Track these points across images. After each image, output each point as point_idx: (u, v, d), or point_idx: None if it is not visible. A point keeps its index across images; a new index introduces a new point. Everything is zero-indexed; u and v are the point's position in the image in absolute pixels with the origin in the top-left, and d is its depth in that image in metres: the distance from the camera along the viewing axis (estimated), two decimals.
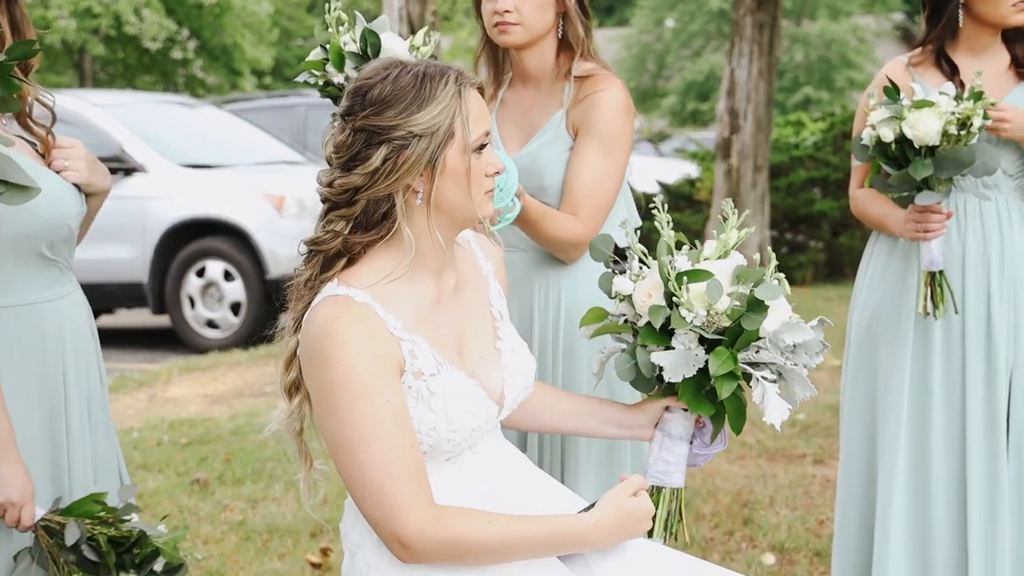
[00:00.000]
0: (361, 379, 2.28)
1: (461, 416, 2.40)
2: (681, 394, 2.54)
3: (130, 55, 23.92)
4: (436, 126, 2.34)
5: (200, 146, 10.75)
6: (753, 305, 2.48)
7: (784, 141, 12.78)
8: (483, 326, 2.54)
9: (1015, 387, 3.61)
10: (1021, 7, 3.56)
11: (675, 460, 2.62)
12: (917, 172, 3.38)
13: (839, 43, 32.00)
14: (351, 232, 2.39)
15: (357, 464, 2.29)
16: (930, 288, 3.55)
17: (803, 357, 2.54)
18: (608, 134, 3.16)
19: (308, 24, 32.94)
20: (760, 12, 10.98)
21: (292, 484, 5.70)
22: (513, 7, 3.15)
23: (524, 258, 3.22)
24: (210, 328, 10.03)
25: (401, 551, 2.32)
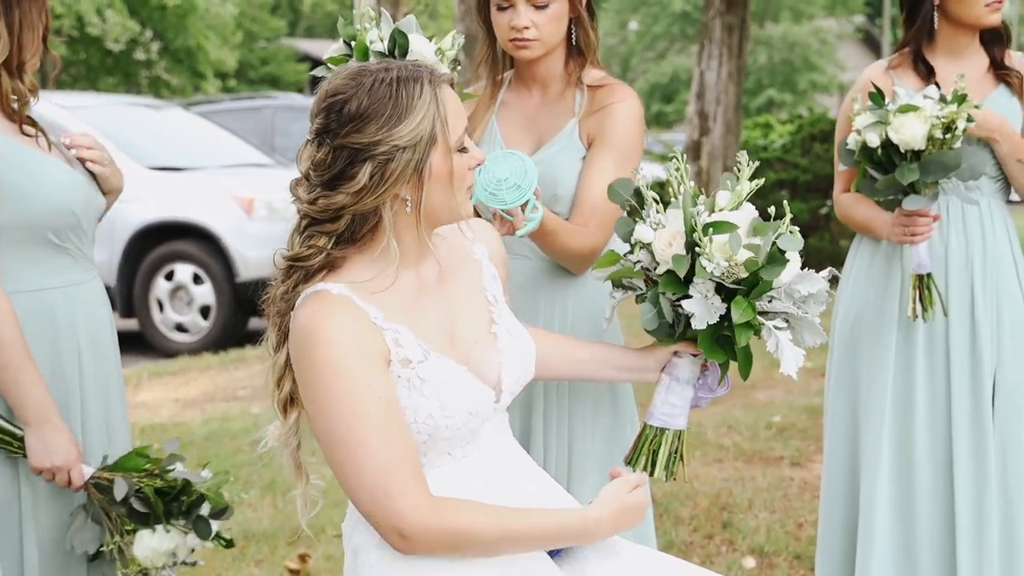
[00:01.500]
0: (348, 374, 2.26)
1: (454, 401, 2.37)
2: (700, 341, 2.61)
3: (93, 56, 23.77)
4: (419, 135, 2.31)
5: (168, 149, 10.67)
6: (774, 257, 2.56)
7: (753, 143, 12.82)
8: (476, 312, 2.52)
9: (998, 388, 3.63)
10: (995, 7, 3.58)
11: (680, 403, 2.71)
12: (904, 176, 3.38)
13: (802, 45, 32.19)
14: (335, 246, 2.36)
15: (352, 461, 2.27)
16: (918, 291, 3.56)
17: (814, 307, 2.62)
18: (623, 146, 3.15)
19: (272, 26, 32.85)
20: (729, 15, 11.01)
21: (268, 489, 5.66)
22: (531, 23, 3.12)
23: (530, 266, 3.19)
24: (179, 332, 9.96)
25: (400, 542, 2.30)
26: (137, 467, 2.94)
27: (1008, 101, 3.65)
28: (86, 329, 3.01)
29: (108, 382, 3.08)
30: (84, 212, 3.00)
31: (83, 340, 3.00)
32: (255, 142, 11.89)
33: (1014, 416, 3.63)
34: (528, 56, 3.16)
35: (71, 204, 2.95)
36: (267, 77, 31.34)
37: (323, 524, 5.13)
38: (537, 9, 3.13)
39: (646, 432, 2.72)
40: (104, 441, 3.05)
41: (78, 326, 2.99)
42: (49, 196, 2.91)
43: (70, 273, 2.99)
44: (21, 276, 2.92)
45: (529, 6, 3.12)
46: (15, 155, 2.91)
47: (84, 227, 3.01)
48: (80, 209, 2.98)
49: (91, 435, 3.02)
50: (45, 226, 2.92)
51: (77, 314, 2.99)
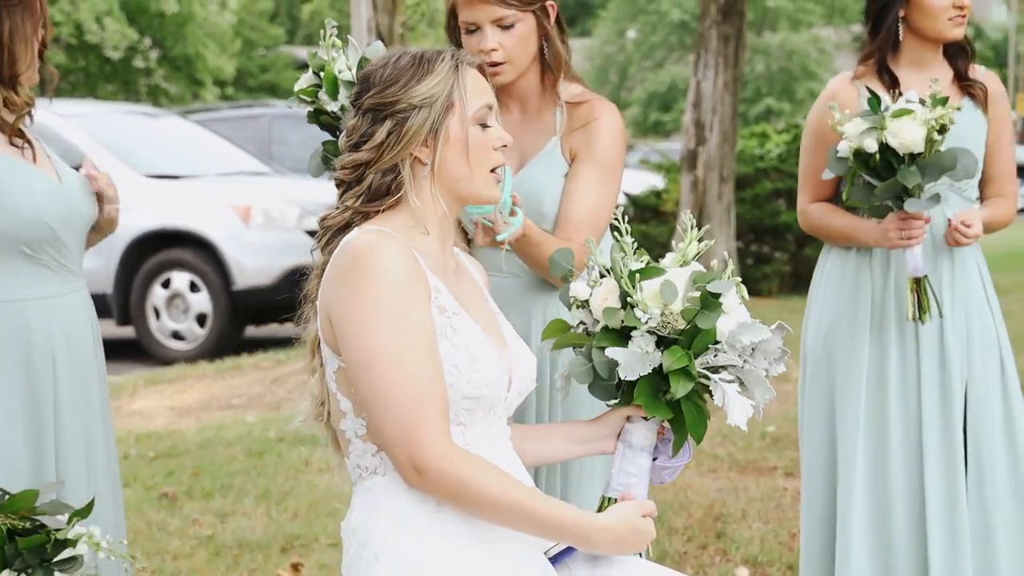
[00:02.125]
0: (400, 291, 2.35)
1: (481, 359, 2.43)
2: (637, 394, 2.52)
3: (92, 64, 23.80)
4: (435, 96, 2.45)
5: (165, 157, 10.68)
6: (707, 301, 2.49)
7: (749, 153, 12.85)
8: (487, 314, 2.59)
9: (969, 399, 3.66)
10: (957, 21, 3.62)
11: (636, 472, 2.58)
12: (907, 180, 3.41)
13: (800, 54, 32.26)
14: (360, 205, 2.48)
15: (389, 378, 2.33)
16: (916, 294, 3.58)
17: (762, 362, 2.53)
18: (607, 160, 3.16)
19: (270, 34, 32.89)
20: (725, 24, 11.03)
21: (262, 498, 5.67)
22: (498, 44, 3.09)
23: (519, 283, 3.20)
24: (175, 340, 9.96)
25: (412, 474, 2.35)
26: (16, 509, 2.74)
27: (973, 114, 3.68)
28: (63, 341, 2.99)
29: (88, 395, 3.05)
30: (64, 225, 2.99)
31: (59, 352, 2.98)
32: (252, 150, 11.90)
33: (986, 428, 3.66)
34: (501, 81, 3.12)
35: (46, 217, 2.93)
36: (266, 85, 31.37)
37: (316, 533, 5.13)
38: (504, 30, 3.10)
39: (604, 505, 2.57)
40: (81, 455, 3.01)
41: (54, 337, 2.97)
42: (22, 208, 2.90)
43: (47, 285, 2.97)
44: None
45: (495, 28, 3.09)
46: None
47: (63, 240, 2.99)
48: (58, 222, 2.96)
49: (65, 448, 2.98)
50: (17, 238, 2.91)
51: (54, 326, 2.97)
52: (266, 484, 5.87)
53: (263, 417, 7.38)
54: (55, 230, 2.96)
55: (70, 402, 3.00)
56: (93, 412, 3.06)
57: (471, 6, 3.10)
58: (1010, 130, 3.77)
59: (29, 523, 2.76)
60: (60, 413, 2.99)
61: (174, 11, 22.63)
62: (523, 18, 3.11)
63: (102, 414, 3.10)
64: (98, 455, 3.07)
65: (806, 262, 12.25)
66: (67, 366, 3.00)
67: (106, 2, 21.87)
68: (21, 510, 2.76)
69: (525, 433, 2.71)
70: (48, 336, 2.97)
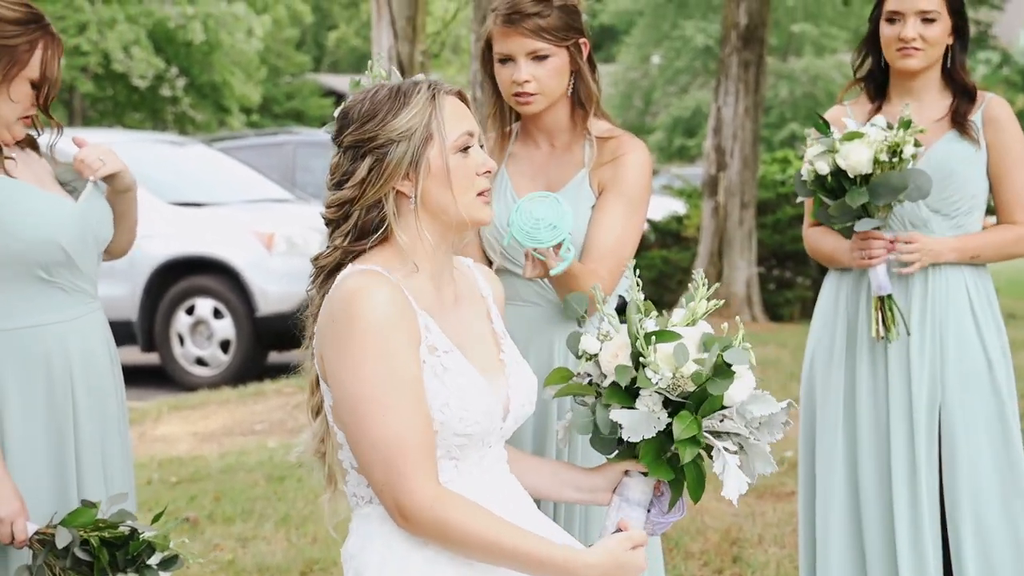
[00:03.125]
0: (385, 338, 2.36)
1: (472, 397, 2.45)
2: (642, 456, 2.52)
3: (119, 92, 23.99)
4: (412, 129, 2.46)
5: (190, 184, 10.78)
6: (720, 369, 2.48)
7: (770, 178, 12.86)
8: (485, 340, 2.60)
9: (944, 427, 3.69)
10: (905, 53, 3.69)
11: (634, 526, 2.58)
12: (853, 200, 3.51)
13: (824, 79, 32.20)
14: (349, 244, 2.49)
15: (375, 425, 2.36)
16: (880, 312, 3.65)
17: (767, 435, 2.51)
18: (634, 194, 3.23)
19: (296, 62, 33.07)
20: (746, 51, 11.08)
21: (282, 523, 5.71)
22: (531, 76, 3.17)
23: (540, 312, 3.25)
24: (199, 366, 10.04)
25: (399, 519, 2.38)
26: (87, 522, 2.89)
27: (959, 144, 3.72)
28: (81, 363, 3.03)
29: (105, 419, 3.10)
30: (78, 246, 3.03)
31: (77, 374, 3.03)
32: (276, 177, 12.00)
33: (963, 454, 3.68)
34: (530, 111, 3.23)
35: (58, 239, 2.98)
36: (292, 112, 31.54)
37: (335, 557, 5.16)
38: (537, 62, 3.18)
39: None
40: (99, 480, 3.05)
41: (72, 360, 3.02)
42: (34, 231, 2.94)
43: (63, 308, 3.02)
44: (13, 312, 2.96)
45: (529, 60, 3.18)
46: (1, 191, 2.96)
47: (77, 262, 3.03)
48: (71, 243, 3.00)
49: (85, 469, 3.03)
50: (33, 262, 2.96)
51: (71, 349, 3.02)
52: (286, 509, 5.91)
53: (284, 443, 7.42)
54: (68, 252, 3.00)
55: (88, 423, 3.05)
56: (111, 432, 3.11)
57: (507, 38, 3.18)
58: (1019, 158, 3.75)
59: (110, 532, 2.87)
60: (80, 433, 3.04)
61: (201, 40, 22.80)
62: (557, 52, 3.19)
63: (120, 433, 3.15)
64: (115, 473, 3.12)
65: None
66: (84, 388, 3.04)
67: (133, 31, 22.06)
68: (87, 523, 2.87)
69: (523, 465, 2.72)
70: (66, 359, 3.01)
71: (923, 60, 3.70)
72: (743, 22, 10.98)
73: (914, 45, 3.67)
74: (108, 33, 21.82)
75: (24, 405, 2.97)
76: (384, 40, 8.56)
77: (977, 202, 3.75)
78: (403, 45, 8.49)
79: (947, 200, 3.70)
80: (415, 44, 8.50)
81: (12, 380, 2.96)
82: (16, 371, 2.96)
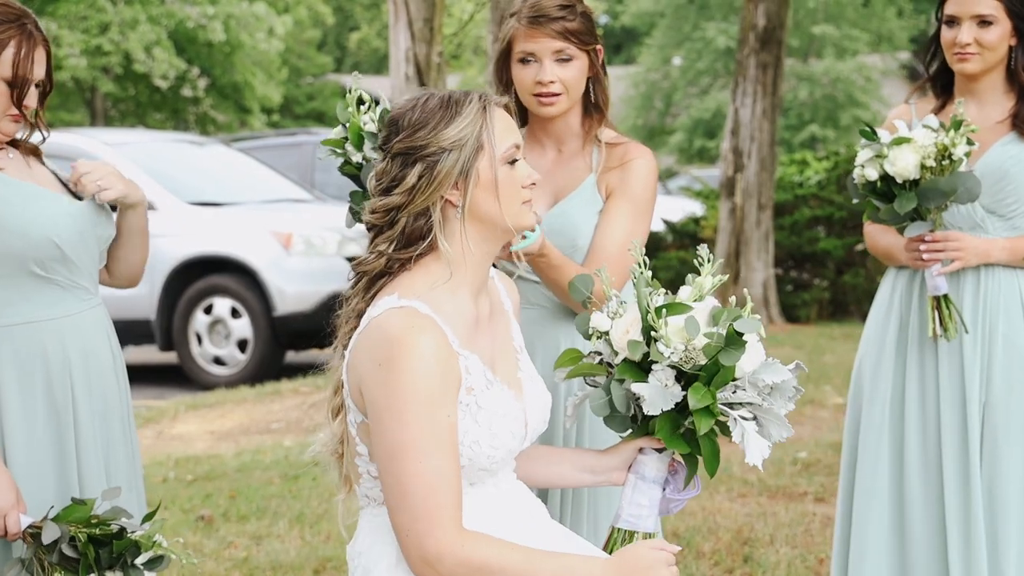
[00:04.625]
0: (430, 389, 2.38)
1: (503, 434, 2.48)
2: (658, 429, 2.55)
3: (141, 93, 24.09)
4: (464, 139, 2.49)
5: (209, 184, 10.83)
6: (731, 339, 2.51)
7: (788, 180, 12.85)
8: (509, 356, 2.63)
9: (985, 427, 3.68)
10: (961, 57, 3.66)
11: (648, 504, 2.62)
12: (902, 206, 3.53)
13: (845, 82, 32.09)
14: (394, 251, 2.51)
15: (408, 472, 2.37)
16: (937, 312, 3.65)
17: (780, 400, 2.55)
18: (641, 200, 3.26)
19: (318, 62, 33.16)
20: (764, 52, 11.07)
21: (296, 521, 5.74)
22: (556, 77, 3.20)
23: (546, 314, 3.28)
24: (217, 365, 10.09)
25: (423, 567, 2.39)
26: (81, 518, 2.90)
27: (1016, 147, 3.69)
28: (80, 359, 3.04)
29: (108, 416, 3.11)
30: (75, 242, 3.03)
31: (76, 370, 3.04)
32: (295, 178, 12.04)
33: (1003, 458, 3.66)
34: (552, 112, 3.25)
35: (53, 235, 2.99)
36: (313, 113, 31.62)
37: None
38: (561, 64, 3.21)
39: (614, 536, 2.63)
40: (101, 477, 3.06)
41: (71, 357, 3.03)
42: (28, 226, 2.96)
43: (61, 304, 3.03)
44: (7, 309, 2.98)
45: (554, 61, 3.21)
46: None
47: (73, 258, 3.03)
48: (67, 240, 3.01)
49: (87, 466, 3.04)
50: (29, 258, 2.97)
51: (69, 345, 3.03)
52: (301, 507, 5.94)
53: (300, 442, 7.46)
54: (63, 249, 3.01)
55: (89, 420, 3.06)
56: (114, 429, 3.12)
57: (533, 39, 3.20)
58: None
59: (101, 529, 2.89)
60: (80, 429, 3.05)
61: (222, 40, 22.88)
62: (580, 55, 3.23)
63: (124, 430, 3.16)
64: (119, 470, 3.13)
65: (845, 289, 12.23)
66: (85, 385, 3.05)
67: (155, 32, 22.14)
68: (81, 519, 2.89)
69: (536, 455, 2.76)
70: (64, 356, 3.02)
71: (979, 64, 3.66)
72: (761, 23, 10.97)
73: (969, 50, 3.63)
74: (130, 34, 21.90)
75: (23, 401, 2.98)
76: (401, 42, 8.58)
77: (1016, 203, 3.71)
78: (420, 47, 8.51)
79: (1002, 202, 3.67)
80: (432, 46, 8.52)
81: (10, 376, 2.97)
82: (14, 367, 2.97)
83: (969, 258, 3.64)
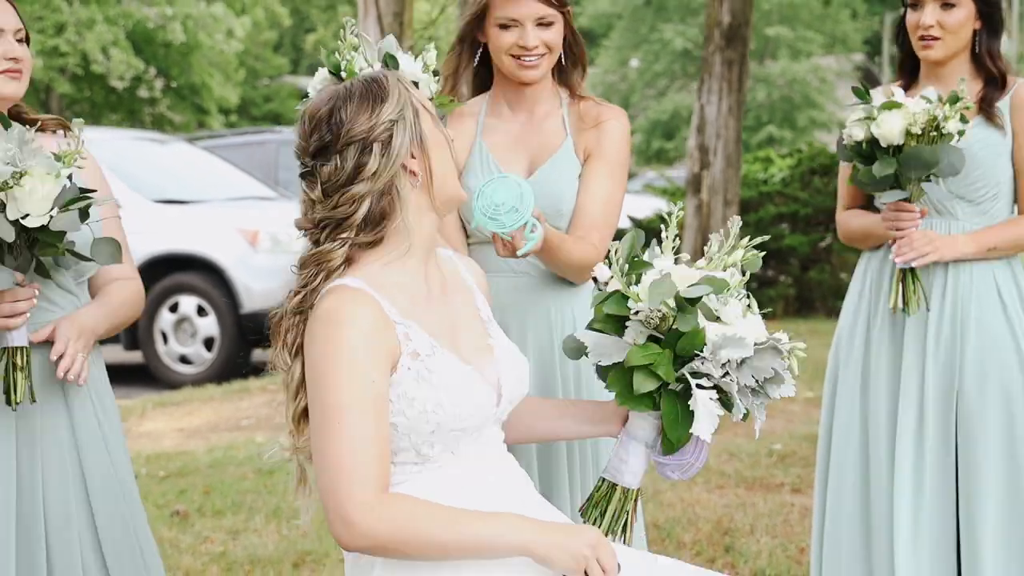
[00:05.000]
0: (353, 352, 2.40)
1: (462, 393, 2.48)
2: (609, 383, 2.56)
3: (97, 94, 23.87)
4: (403, 110, 2.52)
5: (173, 182, 10.76)
6: (681, 305, 2.50)
7: (753, 177, 12.90)
8: (473, 326, 2.63)
9: (960, 415, 3.68)
10: (926, 44, 3.67)
11: (631, 460, 2.63)
12: (880, 169, 3.52)
13: (801, 83, 32.31)
14: (357, 235, 2.51)
15: (328, 435, 2.39)
16: (901, 284, 3.65)
17: (748, 377, 2.51)
18: (618, 161, 3.28)
19: (274, 64, 32.99)
20: (729, 50, 11.10)
21: (273, 515, 5.70)
22: (539, 41, 3.20)
23: (532, 282, 3.27)
24: (183, 364, 10.00)
25: (342, 529, 2.37)
26: None
27: (984, 131, 3.69)
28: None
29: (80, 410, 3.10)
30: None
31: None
32: (259, 175, 11.97)
33: (978, 444, 3.66)
34: (535, 76, 3.25)
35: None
36: (270, 114, 31.46)
37: (327, 549, 5.16)
38: (543, 28, 3.21)
39: (599, 484, 2.66)
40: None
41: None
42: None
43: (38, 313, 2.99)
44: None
45: (536, 26, 3.20)
46: None
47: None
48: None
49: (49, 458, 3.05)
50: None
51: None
52: (277, 502, 5.90)
53: (272, 437, 7.40)
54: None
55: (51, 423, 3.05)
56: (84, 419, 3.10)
57: (516, 2, 3.19)
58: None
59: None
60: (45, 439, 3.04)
61: (179, 41, 22.72)
62: (559, 18, 3.23)
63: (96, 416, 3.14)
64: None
65: (810, 285, 12.29)
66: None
67: (112, 32, 21.97)
68: None
69: (539, 410, 2.78)
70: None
71: (943, 50, 3.66)
72: (726, 21, 11.01)
73: (932, 33, 3.64)
74: (87, 34, 21.71)
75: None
76: (371, 36, 8.53)
77: (1003, 189, 3.71)
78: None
79: (971, 186, 3.67)
80: (402, 40, 8.49)
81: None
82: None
83: (944, 252, 3.63)
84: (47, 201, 2.82)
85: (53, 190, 2.83)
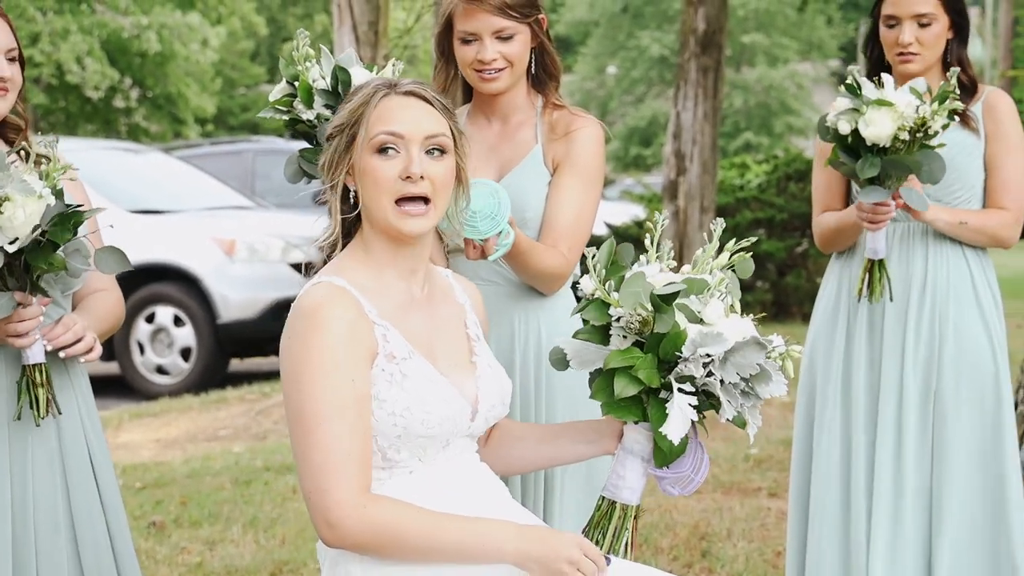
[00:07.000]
0: (334, 356, 2.40)
1: (432, 401, 2.47)
2: (594, 391, 2.54)
3: (72, 104, 23.78)
4: (344, 124, 2.53)
5: (149, 192, 10.72)
6: (656, 304, 2.48)
7: (729, 183, 12.94)
8: (457, 341, 2.63)
9: (936, 415, 3.70)
10: (904, 58, 3.71)
11: (630, 476, 2.61)
12: (863, 172, 3.53)
13: (777, 89, 32.45)
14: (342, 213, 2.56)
15: (308, 437, 2.40)
16: (868, 274, 3.68)
17: (732, 374, 2.49)
18: (590, 170, 3.24)
19: (251, 73, 32.96)
20: (704, 56, 11.13)
21: (250, 526, 5.68)
22: (497, 55, 3.17)
23: (499, 291, 3.24)
24: (160, 374, 9.96)
25: (326, 530, 2.39)
26: None
27: (959, 134, 3.73)
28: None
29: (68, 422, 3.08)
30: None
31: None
32: (235, 185, 11.94)
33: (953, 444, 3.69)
34: (496, 88, 3.21)
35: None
36: (247, 124, 31.43)
37: (304, 559, 5.15)
38: (503, 41, 3.18)
39: (598, 503, 2.64)
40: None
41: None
42: None
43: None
44: None
45: (495, 39, 3.17)
46: None
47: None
48: None
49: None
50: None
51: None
52: (254, 512, 5.88)
53: (250, 447, 7.39)
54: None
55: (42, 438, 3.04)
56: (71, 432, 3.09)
57: (472, 16, 3.16)
58: (1015, 147, 3.77)
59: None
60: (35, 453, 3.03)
61: (155, 51, 22.64)
62: (521, 29, 3.19)
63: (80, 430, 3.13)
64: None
65: (787, 291, 12.32)
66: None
67: (87, 42, 21.90)
68: None
69: (531, 437, 2.76)
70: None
71: (922, 63, 3.71)
72: (701, 28, 11.03)
73: (911, 50, 3.68)
74: (61, 44, 21.64)
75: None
76: (346, 45, 8.53)
77: (976, 192, 3.76)
78: (365, 50, 8.47)
79: (947, 188, 3.71)
80: (377, 49, 8.49)
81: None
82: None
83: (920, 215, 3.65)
84: (30, 224, 2.80)
85: (36, 211, 2.81)
